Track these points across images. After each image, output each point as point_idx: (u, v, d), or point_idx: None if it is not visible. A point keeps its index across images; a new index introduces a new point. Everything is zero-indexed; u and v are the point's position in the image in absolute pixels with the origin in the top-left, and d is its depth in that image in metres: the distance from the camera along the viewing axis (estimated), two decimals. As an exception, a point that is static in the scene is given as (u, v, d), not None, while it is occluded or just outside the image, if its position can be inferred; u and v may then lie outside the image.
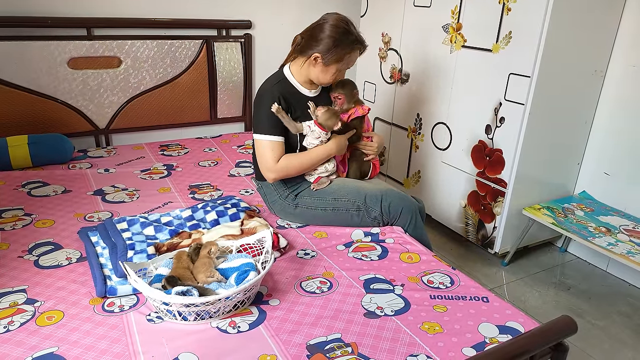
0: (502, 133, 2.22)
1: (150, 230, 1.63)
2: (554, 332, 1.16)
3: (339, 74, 1.78)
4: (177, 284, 1.27)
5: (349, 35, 1.69)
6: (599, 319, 2.08)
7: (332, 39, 1.68)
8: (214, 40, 2.73)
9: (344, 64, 1.74)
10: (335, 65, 1.72)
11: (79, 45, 2.41)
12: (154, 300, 1.25)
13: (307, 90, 1.82)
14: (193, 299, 1.21)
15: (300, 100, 1.79)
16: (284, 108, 1.74)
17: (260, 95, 1.79)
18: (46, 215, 1.80)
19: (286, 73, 1.81)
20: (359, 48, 1.74)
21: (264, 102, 1.74)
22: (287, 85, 1.79)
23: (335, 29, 1.69)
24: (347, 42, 1.69)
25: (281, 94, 1.74)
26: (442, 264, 1.59)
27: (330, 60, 1.70)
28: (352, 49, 1.72)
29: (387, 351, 1.18)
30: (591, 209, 2.36)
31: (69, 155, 2.31)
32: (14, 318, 1.25)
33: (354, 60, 1.76)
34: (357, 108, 1.87)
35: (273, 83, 1.78)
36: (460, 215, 2.54)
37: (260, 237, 1.52)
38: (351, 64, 1.77)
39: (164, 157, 2.47)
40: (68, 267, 1.49)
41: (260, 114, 1.76)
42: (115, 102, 2.59)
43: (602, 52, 2.25)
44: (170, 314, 1.25)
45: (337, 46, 1.68)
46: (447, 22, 2.41)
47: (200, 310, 1.23)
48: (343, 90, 1.84)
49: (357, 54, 1.76)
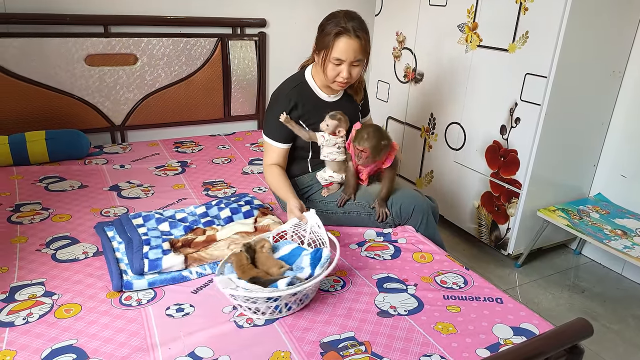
0: (517, 133, 2.20)
1: (165, 226, 1.65)
2: (569, 334, 1.15)
3: (338, 69, 1.65)
4: (264, 283, 1.27)
5: (332, 19, 1.64)
6: (613, 323, 2.05)
7: (321, 24, 1.68)
8: (229, 39, 2.75)
9: (333, 53, 1.62)
10: (323, 52, 1.64)
11: (96, 43, 2.43)
12: (267, 301, 1.24)
13: (326, 95, 1.79)
14: (303, 285, 1.24)
15: (317, 106, 1.77)
16: (298, 114, 1.73)
17: (275, 96, 1.78)
18: (63, 209, 1.83)
19: (307, 75, 1.78)
20: (343, 34, 1.60)
21: (276, 107, 1.74)
22: (306, 90, 1.76)
23: (327, 16, 1.67)
24: (329, 26, 1.63)
25: (296, 100, 1.72)
26: (456, 264, 1.59)
27: (319, 47, 1.67)
28: (335, 33, 1.60)
29: (400, 351, 1.18)
30: (607, 211, 2.33)
31: (85, 151, 2.34)
32: (33, 310, 1.28)
33: (342, 49, 1.61)
34: (389, 156, 1.70)
35: (291, 86, 1.75)
36: (474, 216, 2.53)
37: (293, 224, 1.55)
38: (341, 54, 1.62)
39: (178, 154, 2.49)
40: (85, 261, 1.51)
41: (270, 117, 1.77)
42: (131, 99, 2.61)
43: (621, 52, 2.22)
44: (276, 310, 1.27)
45: (323, 31, 1.66)
46: (462, 22, 2.39)
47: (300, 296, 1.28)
48: (368, 144, 1.61)
49: (343, 42, 1.60)
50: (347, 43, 1.61)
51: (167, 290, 1.39)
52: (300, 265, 1.39)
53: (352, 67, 1.66)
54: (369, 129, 1.66)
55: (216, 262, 1.49)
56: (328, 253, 1.38)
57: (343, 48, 1.62)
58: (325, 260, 1.35)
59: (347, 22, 1.61)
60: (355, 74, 1.69)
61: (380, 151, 1.65)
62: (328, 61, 1.65)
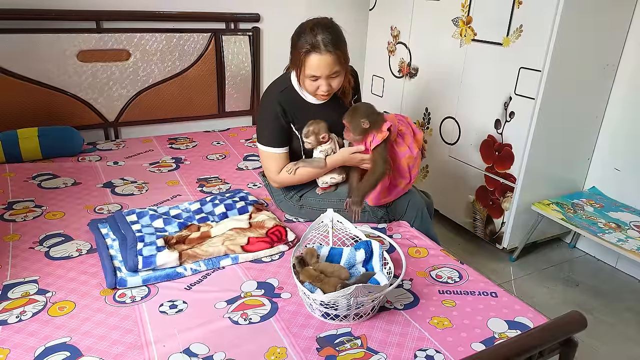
0: (512, 128, 2.21)
1: (159, 223, 1.64)
2: (563, 327, 1.16)
3: (316, 84, 1.61)
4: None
5: (301, 34, 1.57)
6: (607, 316, 2.07)
7: (292, 40, 1.63)
8: (223, 34, 2.73)
9: (306, 70, 1.58)
10: (298, 69, 1.60)
11: (88, 38, 2.41)
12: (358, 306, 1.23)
13: (313, 99, 1.73)
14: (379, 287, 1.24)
15: (304, 109, 1.72)
16: (285, 119, 1.68)
17: (263, 102, 1.74)
18: (56, 207, 1.82)
19: (292, 79, 1.72)
20: (312, 52, 1.54)
21: (267, 113, 1.70)
22: (292, 93, 1.71)
23: (297, 28, 1.61)
24: (299, 42, 1.57)
25: (284, 105, 1.68)
26: (450, 259, 1.59)
27: (292, 63, 1.63)
28: (304, 52, 1.55)
29: (396, 345, 1.19)
30: (601, 204, 2.34)
31: (78, 148, 2.33)
32: (26, 308, 1.27)
33: (314, 67, 1.56)
34: (375, 134, 1.60)
35: (278, 90, 1.70)
36: (469, 210, 2.53)
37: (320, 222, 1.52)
38: (312, 70, 1.57)
39: (172, 150, 2.48)
40: (78, 258, 1.50)
41: (262, 124, 1.73)
42: (124, 95, 2.60)
43: (614, 45, 2.22)
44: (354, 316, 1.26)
45: (294, 47, 1.60)
46: (457, 16, 2.39)
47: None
48: (350, 120, 1.62)
49: (314, 59, 1.54)
50: (318, 59, 1.55)
51: (161, 287, 1.39)
52: (355, 263, 1.43)
53: (330, 79, 1.61)
54: (356, 107, 1.65)
55: (210, 259, 1.49)
56: (379, 244, 1.42)
57: (315, 65, 1.56)
58: (380, 252, 1.40)
59: (315, 37, 1.53)
60: (335, 84, 1.64)
61: (359, 128, 1.59)
62: (304, 77, 1.61)
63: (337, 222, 1.53)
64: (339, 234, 1.56)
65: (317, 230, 1.53)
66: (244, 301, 1.33)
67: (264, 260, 1.54)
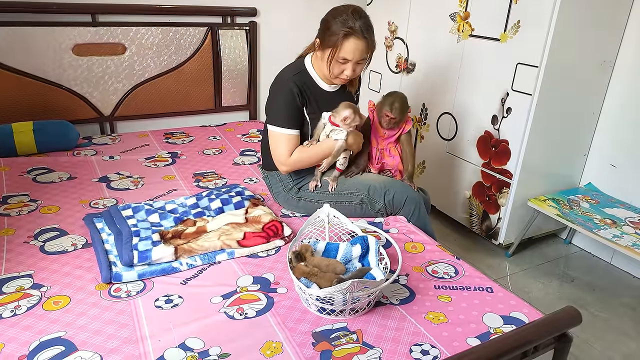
0: (509, 123, 2.21)
1: (155, 218, 1.64)
2: (558, 322, 1.16)
3: (343, 67, 1.66)
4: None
5: (343, 17, 1.60)
6: (602, 311, 2.08)
7: (326, 20, 1.65)
8: (219, 28, 2.71)
9: (337, 51, 1.62)
10: (330, 51, 1.62)
11: (84, 32, 2.39)
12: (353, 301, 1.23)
13: (327, 85, 1.78)
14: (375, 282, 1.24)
15: (317, 95, 1.76)
16: (301, 101, 1.71)
17: (277, 84, 1.75)
18: (51, 201, 1.81)
19: (307, 64, 1.76)
20: (352, 35, 1.59)
21: (281, 93, 1.71)
22: (306, 78, 1.75)
23: (335, 10, 1.64)
24: (339, 24, 1.59)
25: (300, 86, 1.71)
26: (447, 254, 1.59)
27: (324, 45, 1.64)
28: (343, 34, 1.58)
29: (391, 340, 1.19)
30: (597, 200, 2.35)
31: (73, 142, 2.31)
32: (21, 302, 1.26)
33: (349, 50, 1.61)
34: (407, 122, 1.82)
35: (293, 73, 1.73)
36: (465, 206, 2.53)
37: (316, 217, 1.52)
38: (347, 54, 1.62)
39: (168, 144, 2.47)
40: (73, 253, 1.50)
41: (276, 105, 1.73)
42: (120, 90, 2.58)
43: (612, 42, 2.22)
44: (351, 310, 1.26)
45: (329, 29, 1.62)
46: (454, 11, 2.38)
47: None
48: (405, 109, 1.78)
49: (351, 42, 1.60)
50: (354, 44, 1.61)
51: (157, 281, 1.38)
52: (351, 258, 1.43)
53: (356, 65, 1.67)
54: (397, 96, 1.77)
55: (206, 254, 1.49)
56: (375, 240, 1.42)
57: (350, 49, 1.62)
58: (376, 247, 1.41)
59: (355, 22, 1.60)
60: (358, 70, 1.71)
61: (405, 116, 1.79)
62: (335, 60, 1.65)
63: (334, 217, 1.53)
64: (335, 229, 1.56)
65: (313, 225, 1.53)
66: (239, 296, 1.33)
67: (260, 255, 1.54)
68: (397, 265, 1.32)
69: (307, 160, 1.76)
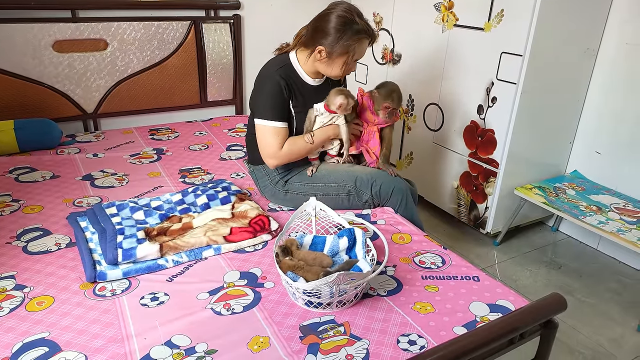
0: (494, 113, 2.21)
1: (140, 215, 1.62)
2: (543, 309, 1.17)
3: (349, 67, 1.70)
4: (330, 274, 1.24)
5: (353, 25, 1.61)
6: (589, 297, 2.10)
7: (336, 30, 1.61)
8: (202, 22, 2.68)
9: (351, 56, 1.66)
10: (342, 58, 1.65)
11: (64, 28, 2.35)
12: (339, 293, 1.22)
13: (311, 79, 1.77)
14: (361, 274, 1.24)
15: (303, 89, 1.75)
16: (287, 94, 1.70)
17: (263, 77, 1.73)
18: (34, 201, 1.78)
19: (292, 58, 1.75)
20: (366, 38, 1.66)
21: (267, 86, 1.70)
22: (291, 72, 1.74)
23: (340, 19, 1.62)
24: (351, 32, 1.61)
25: (285, 79, 1.69)
26: (434, 244, 1.59)
27: (336, 54, 1.64)
28: (358, 39, 1.63)
29: (379, 331, 1.19)
30: (582, 187, 2.37)
31: (56, 141, 2.28)
32: (3, 304, 1.24)
33: (362, 51, 1.69)
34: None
35: (277, 66, 1.71)
36: (453, 196, 2.54)
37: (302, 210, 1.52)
38: (360, 55, 1.69)
39: (153, 141, 2.44)
40: (57, 252, 1.48)
41: (262, 98, 1.71)
42: (103, 86, 2.54)
43: (595, 30, 2.23)
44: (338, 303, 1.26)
45: (342, 38, 1.62)
46: (438, 1, 2.37)
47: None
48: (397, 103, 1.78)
49: (364, 44, 1.67)
50: (365, 43, 1.68)
51: (142, 279, 1.37)
52: (338, 251, 1.43)
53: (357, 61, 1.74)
54: (395, 87, 1.77)
55: (192, 250, 1.47)
56: (362, 232, 1.43)
57: (363, 49, 1.69)
58: (363, 239, 1.41)
59: (367, 23, 1.65)
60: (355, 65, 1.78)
61: (401, 102, 1.82)
62: (349, 62, 1.68)
63: (320, 210, 1.52)
64: (322, 222, 1.55)
65: (300, 218, 1.52)
66: (226, 292, 1.32)
67: (246, 250, 1.53)
68: (384, 256, 1.32)
69: (297, 153, 1.75)
